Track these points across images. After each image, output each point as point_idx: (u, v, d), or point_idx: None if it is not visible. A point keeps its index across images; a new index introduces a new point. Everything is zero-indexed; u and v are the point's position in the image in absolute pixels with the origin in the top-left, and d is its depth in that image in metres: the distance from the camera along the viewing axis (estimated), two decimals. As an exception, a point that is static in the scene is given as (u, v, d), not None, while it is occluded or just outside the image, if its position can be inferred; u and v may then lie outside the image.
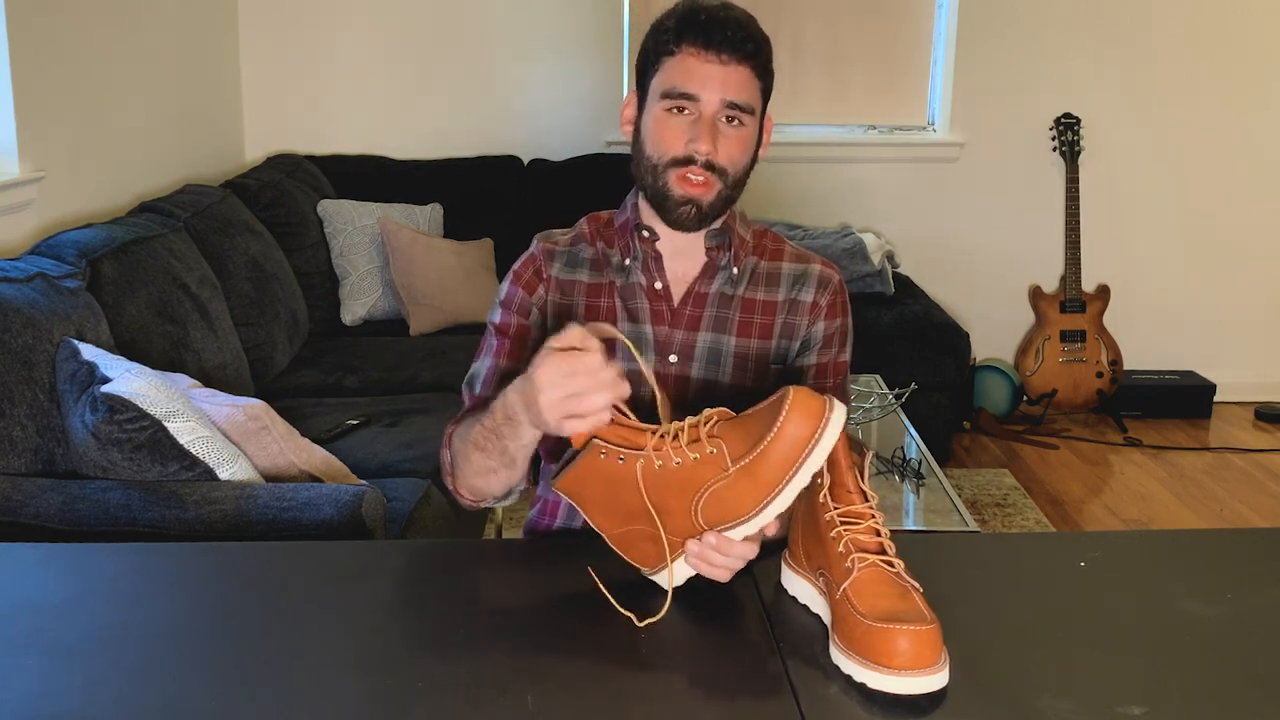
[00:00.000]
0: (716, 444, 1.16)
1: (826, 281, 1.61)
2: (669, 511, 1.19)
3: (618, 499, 1.21)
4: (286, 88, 4.32)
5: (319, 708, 1.05)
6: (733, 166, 1.51)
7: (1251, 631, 1.20)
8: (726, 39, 1.47)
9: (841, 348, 1.62)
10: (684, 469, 1.17)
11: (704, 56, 1.47)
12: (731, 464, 1.15)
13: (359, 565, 1.36)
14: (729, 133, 1.49)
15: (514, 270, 1.63)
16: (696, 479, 1.17)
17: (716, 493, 1.16)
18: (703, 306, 1.59)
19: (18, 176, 2.72)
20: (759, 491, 1.15)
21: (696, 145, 1.48)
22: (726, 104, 1.48)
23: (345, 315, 3.84)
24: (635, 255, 1.59)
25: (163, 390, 2.01)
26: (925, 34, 4.46)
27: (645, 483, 1.18)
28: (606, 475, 1.20)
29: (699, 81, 1.47)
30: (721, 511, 1.17)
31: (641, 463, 1.18)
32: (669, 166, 1.50)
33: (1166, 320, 4.61)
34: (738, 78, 1.48)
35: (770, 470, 1.14)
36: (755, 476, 1.14)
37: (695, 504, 1.17)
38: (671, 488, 1.18)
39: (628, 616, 1.18)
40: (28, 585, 1.29)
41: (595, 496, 1.23)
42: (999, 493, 3.73)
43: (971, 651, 1.13)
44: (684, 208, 1.51)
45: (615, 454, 1.19)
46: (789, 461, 1.13)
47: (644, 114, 1.54)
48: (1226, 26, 4.38)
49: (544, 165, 4.31)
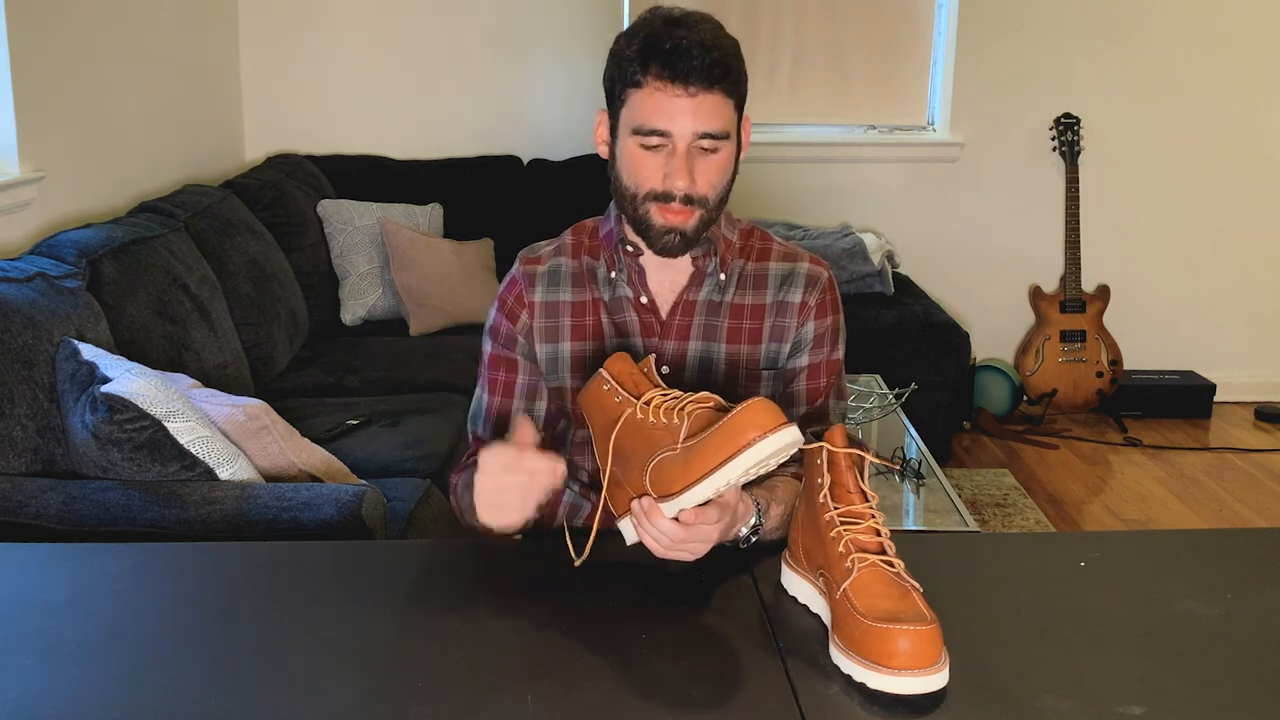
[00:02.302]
0: (686, 419, 1.19)
1: (814, 280, 1.59)
2: (627, 457, 1.24)
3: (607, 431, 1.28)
4: (286, 88, 4.32)
5: (319, 707, 1.05)
6: (713, 192, 1.48)
7: (1251, 631, 1.20)
8: (693, 69, 1.40)
9: (834, 346, 1.61)
10: (654, 430, 1.21)
11: (671, 91, 1.42)
12: (681, 442, 1.18)
13: (359, 565, 1.36)
14: (705, 161, 1.46)
15: (499, 296, 1.63)
16: (655, 441, 1.21)
17: (661, 463, 1.20)
18: (691, 315, 1.58)
19: (18, 176, 2.72)
20: (687, 475, 1.17)
21: (673, 182, 1.44)
22: (700, 135, 1.43)
23: (345, 315, 3.84)
24: (620, 269, 1.58)
25: (163, 390, 2.01)
26: (925, 34, 4.46)
27: (622, 427, 1.24)
28: (605, 406, 1.27)
29: (668, 117, 1.42)
30: (660, 482, 1.20)
31: (630, 410, 1.24)
32: (647, 200, 1.47)
33: (1166, 320, 4.61)
34: (708, 107, 1.43)
35: (701, 459, 1.16)
36: (689, 460, 1.17)
37: (649, 463, 1.21)
38: (638, 438, 1.23)
39: (572, 556, 1.28)
40: (28, 585, 1.29)
41: (598, 419, 1.30)
42: (999, 493, 3.73)
43: (971, 651, 1.13)
44: (667, 237, 1.48)
45: (615, 391, 1.26)
46: (718, 456, 1.14)
47: (616, 143, 1.50)
48: (1226, 26, 4.38)
49: (544, 165, 4.31)
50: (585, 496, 1.62)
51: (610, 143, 1.52)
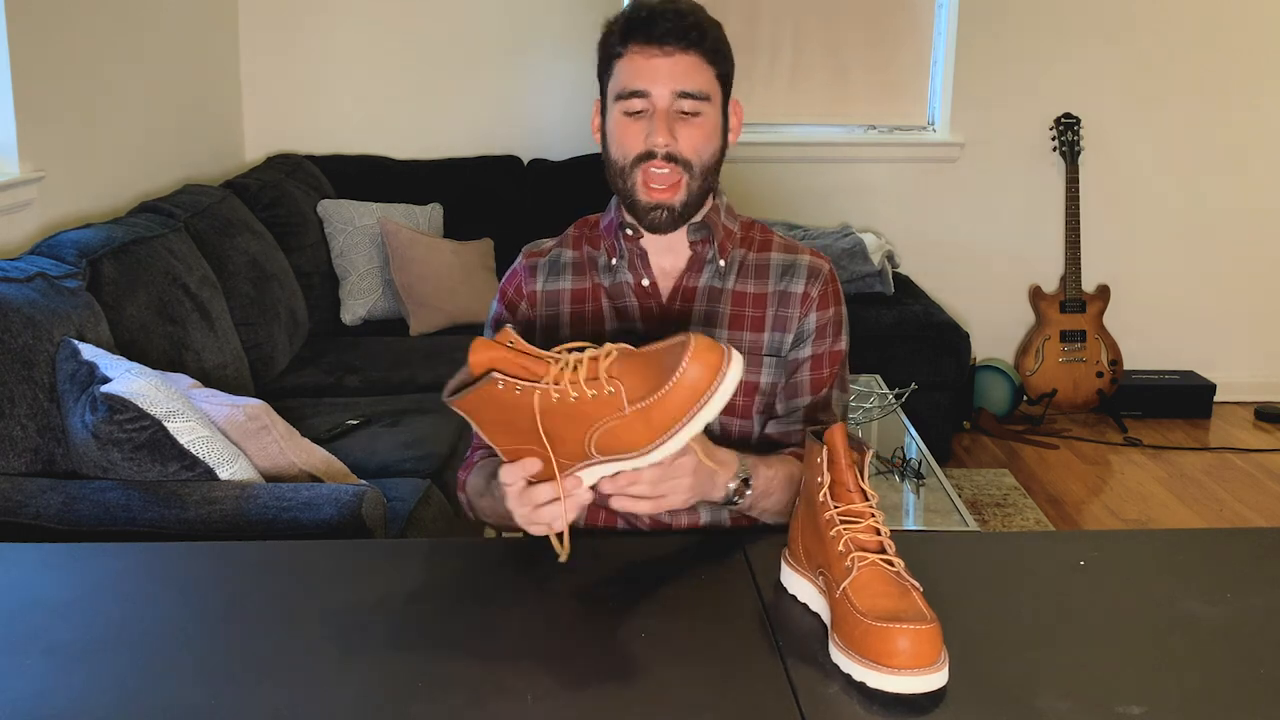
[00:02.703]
0: (615, 384, 1.17)
1: (816, 271, 1.61)
2: (561, 439, 1.21)
3: (512, 422, 1.23)
4: (286, 88, 4.32)
5: (319, 707, 1.05)
6: (696, 157, 1.51)
7: (1251, 631, 1.20)
8: (668, 30, 1.48)
9: (836, 336, 1.62)
10: (581, 404, 1.18)
11: (648, 52, 1.48)
12: (628, 405, 1.17)
13: (359, 565, 1.36)
14: (687, 124, 1.50)
15: (500, 288, 1.67)
16: (592, 414, 1.19)
17: (611, 429, 1.18)
18: (692, 300, 1.59)
19: (18, 176, 2.72)
20: (652, 433, 1.17)
21: (654, 139, 1.49)
22: (678, 94, 1.49)
23: (345, 315, 3.84)
24: (621, 254, 1.60)
25: (163, 390, 2.01)
26: (925, 34, 4.46)
27: (541, 413, 1.20)
28: (502, 402, 1.22)
29: (647, 77, 1.48)
30: (615, 444, 1.19)
31: (539, 394, 1.20)
32: (633, 166, 1.51)
33: (1166, 320, 4.61)
34: (685, 65, 1.49)
35: (666, 415, 1.16)
36: (650, 419, 1.16)
37: (589, 436, 1.19)
38: (566, 419, 1.20)
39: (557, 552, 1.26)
40: (28, 585, 1.29)
41: (491, 418, 1.26)
42: (999, 493, 3.73)
43: (971, 651, 1.13)
44: (654, 213, 1.52)
45: (512, 385, 1.21)
46: (684, 409, 1.15)
47: (606, 120, 1.56)
48: (1226, 26, 4.38)
49: (544, 165, 4.31)
50: None
51: (602, 124, 1.57)
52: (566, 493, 1.23)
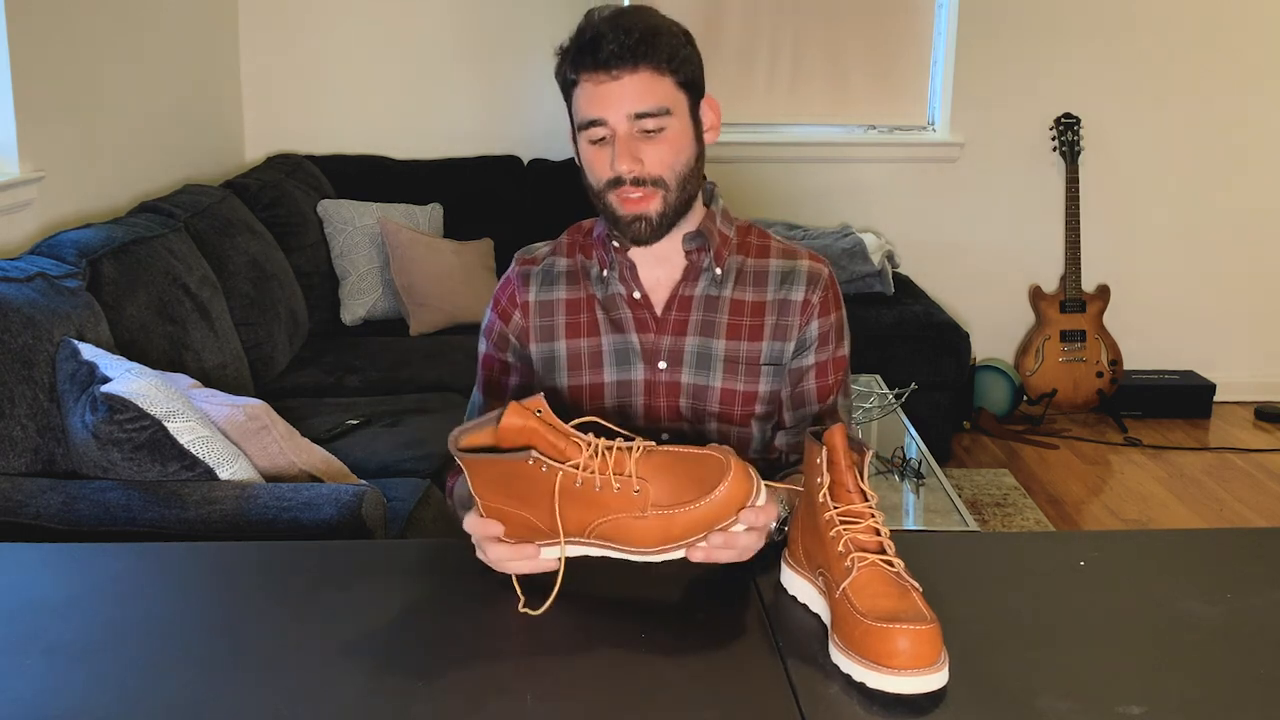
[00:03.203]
0: (643, 485, 1.17)
1: (816, 277, 1.59)
2: (567, 517, 1.20)
3: (519, 491, 1.21)
4: (286, 88, 4.32)
5: (319, 707, 1.05)
6: (668, 171, 1.49)
7: (1251, 631, 1.20)
8: (613, 53, 1.43)
9: (839, 343, 1.61)
10: (601, 492, 1.18)
11: (597, 78, 1.45)
12: (651, 509, 1.18)
13: (359, 565, 1.36)
14: (650, 142, 1.47)
15: (494, 296, 1.66)
16: (609, 505, 1.18)
17: (622, 524, 1.19)
18: (688, 310, 1.58)
19: (18, 176, 2.72)
20: (666, 539, 1.19)
21: (619, 166, 1.47)
22: (633, 116, 1.46)
23: (345, 315, 3.84)
24: (611, 266, 1.59)
25: (163, 390, 2.01)
26: (925, 34, 4.46)
27: (561, 494, 1.19)
28: (521, 472, 1.20)
29: (599, 104, 1.46)
30: (621, 537, 1.20)
31: (562, 475, 1.18)
32: (606, 191, 1.51)
33: (1166, 320, 4.61)
34: (636, 86, 1.45)
35: (686, 529, 1.18)
36: (670, 527, 1.18)
37: (596, 522, 1.20)
38: (582, 503, 1.19)
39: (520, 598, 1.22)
40: (28, 585, 1.29)
41: (491, 478, 1.23)
42: (999, 493, 3.73)
43: (971, 651, 1.13)
44: (634, 224, 1.51)
45: (541, 463, 1.18)
46: (703, 527, 1.18)
47: (577, 146, 1.55)
48: (1227, 26, 4.38)
49: (544, 165, 4.31)
50: None
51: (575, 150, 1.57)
52: (537, 565, 1.23)
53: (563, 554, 1.22)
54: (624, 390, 1.58)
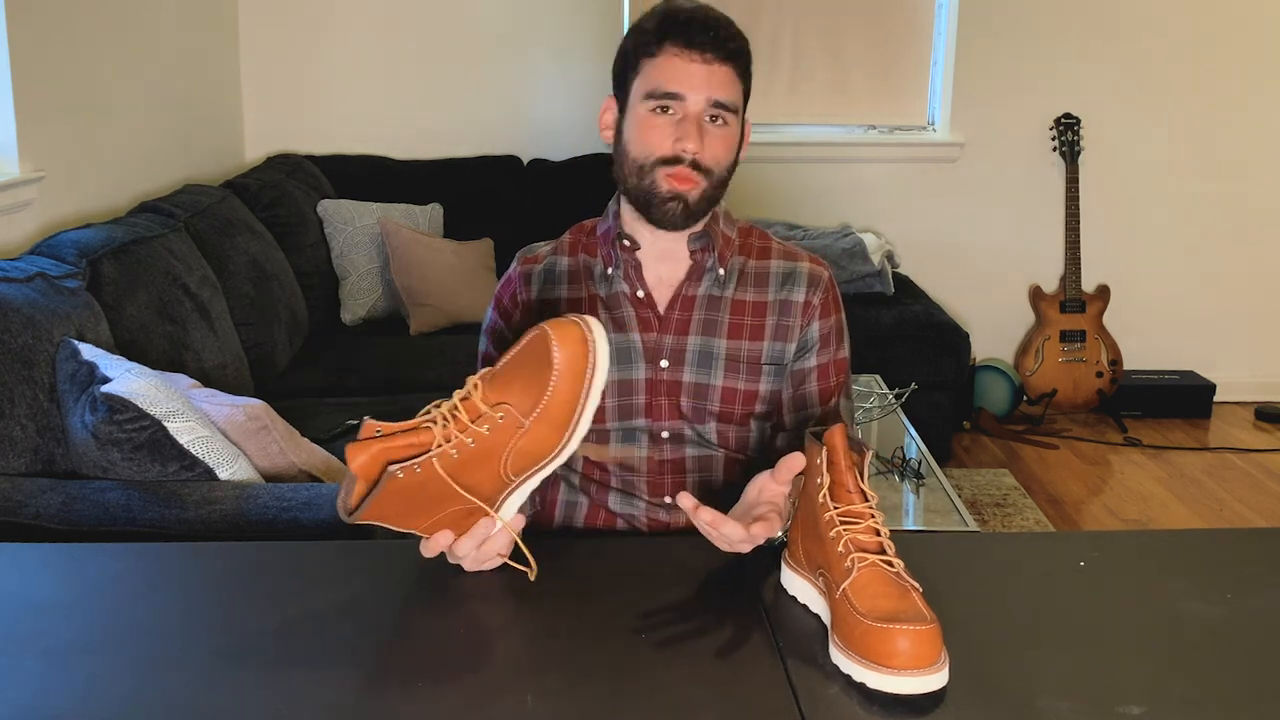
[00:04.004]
0: (502, 408, 1.18)
1: (817, 279, 1.61)
2: (478, 483, 1.21)
3: (422, 499, 1.21)
4: (286, 88, 4.32)
5: (318, 707, 1.05)
6: (717, 166, 1.51)
7: (1251, 631, 1.20)
8: (709, 39, 1.47)
9: (839, 344, 1.62)
10: (480, 443, 1.19)
11: (688, 56, 1.47)
12: (525, 419, 1.18)
13: (359, 565, 1.36)
14: (714, 132, 1.49)
15: (495, 295, 1.66)
16: (496, 446, 1.19)
17: (520, 449, 1.19)
18: (691, 310, 1.58)
19: (18, 176, 2.72)
20: (559, 430, 1.19)
21: (684, 144, 1.47)
22: (712, 103, 1.48)
23: (345, 315, 3.84)
24: (617, 264, 1.59)
25: (163, 390, 2.01)
26: (925, 34, 4.46)
27: (450, 474, 1.19)
28: (408, 487, 1.20)
29: (683, 80, 1.47)
30: (528, 459, 1.20)
31: (437, 459, 1.19)
32: (655, 166, 1.50)
33: (1166, 320, 4.61)
34: (721, 77, 1.48)
35: (563, 408, 1.18)
36: (552, 419, 1.18)
37: (502, 465, 1.20)
38: (474, 464, 1.20)
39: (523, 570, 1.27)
40: (28, 585, 1.29)
41: (398, 509, 1.22)
42: (999, 493, 3.73)
43: (971, 651, 1.13)
44: (670, 204, 1.50)
45: (411, 468, 1.18)
46: (575, 392, 1.18)
47: (626, 116, 1.53)
48: (1227, 27, 4.38)
49: (544, 165, 4.31)
50: (584, 490, 1.62)
51: (618, 121, 1.55)
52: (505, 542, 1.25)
53: (499, 519, 1.24)
54: (625, 389, 1.58)
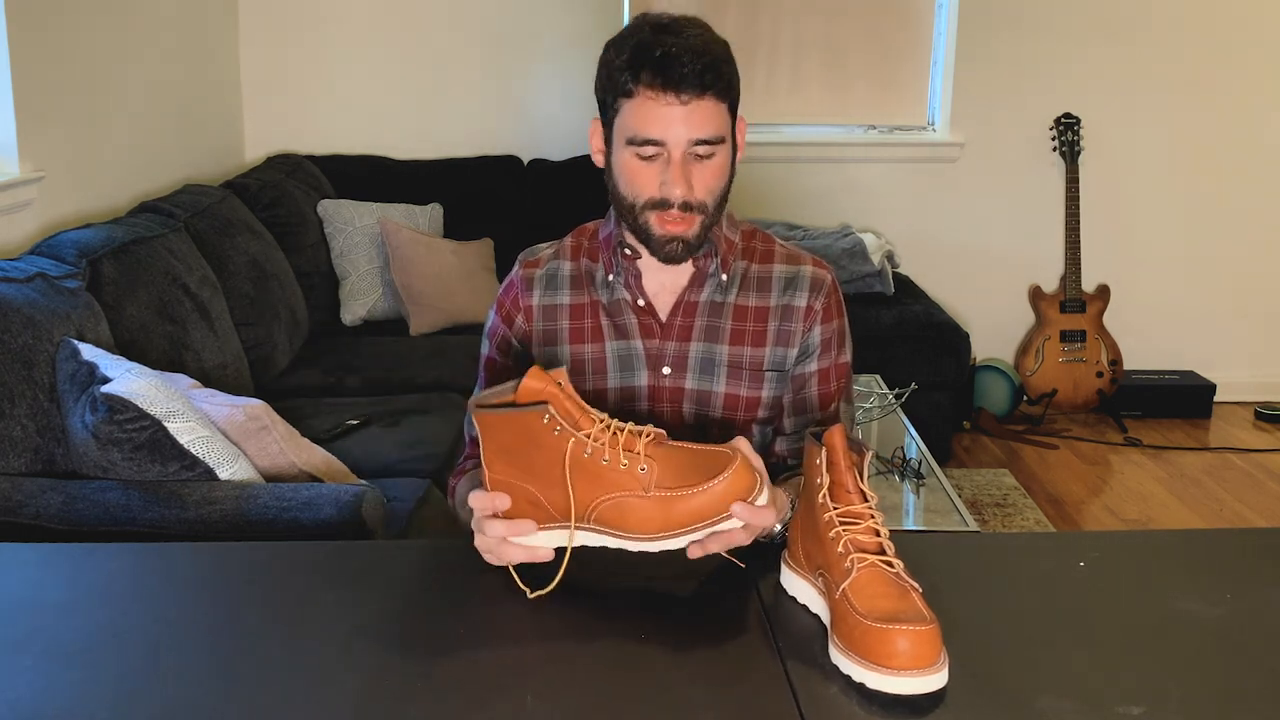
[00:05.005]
0: (649, 464, 1.18)
1: (819, 283, 1.59)
2: (572, 486, 1.21)
3: (529, 454, 1.22)
4: (286, 88, 4.32)
5: (318, 707, 1.05)
6: (710, 197, 1.47)
7: (1251, 631, 1.20)
8: (684, 76, 1.39)
9: (841, 349, 1.62)
10: (608, 467, 1.19)
11: (664, 99, 1.41)
12: (654, 489, 1.18)
13: (359, 565, 1.36)
14: (701, 168, 1.45)
15: (497, 299, 1.64)
16: (613, 482, 1.19)
17: (623, 504, 1.19)
18: (693, 316, 1.57)
19: (18, 176, 2.72)
20: (665, 525, 1.19)
21: (670, 190, 1.44)
22: (694, 142, 1.43)
23: (345, 315, 3.84)
24: (618, 271, 1.58)
25: (163, 390, 2.01)
26: (925, 34, 4.46)
27: (569, 462, 1.19)
28: (532, 434, 1.20)
29: (662, 126, 1.42)
30: (619, 521, 1.20)
31: (573, 442, 1.19)
32: (646, 209, 1.47)
33: (1166, 320, 4.61)
34: (702, 114, 1.42)
35: (685, 515, 1.18)
36: (669, 512, 1.18)
37: (598, 502, 1.20)
38: (588, 477, 1.20)
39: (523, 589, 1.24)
40: (27, 585, 1.29)
41: (505, 443, 1.23)
42: (999, 493, 3.73)
43: (971, 651, 1.13)
44: (670, 245, 1.48)
45: (555, 423, 1.19)
46: (702, 516, 1.18)
47: (611, 153, 1.49)
48: (1227, 26, 4.38)
49: (544, 165, 4.31)
50: None
51: (605, 152, 1.51)
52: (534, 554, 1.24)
53: (572, 533, 1.22)
54: (627, 396, 1.58)
